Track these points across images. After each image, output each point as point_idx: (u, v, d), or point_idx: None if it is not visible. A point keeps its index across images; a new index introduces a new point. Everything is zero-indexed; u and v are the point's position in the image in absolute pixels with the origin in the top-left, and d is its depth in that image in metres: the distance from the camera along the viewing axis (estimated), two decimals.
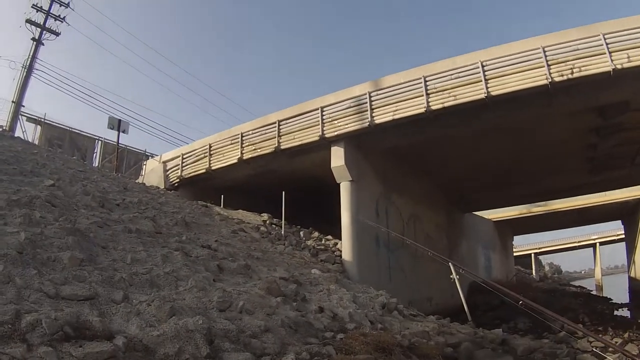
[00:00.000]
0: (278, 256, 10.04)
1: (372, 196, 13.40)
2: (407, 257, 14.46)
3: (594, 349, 7.74)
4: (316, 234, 13.77)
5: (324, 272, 9.51)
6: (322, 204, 13.33)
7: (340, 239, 12.42)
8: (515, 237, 43.57)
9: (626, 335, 11.60)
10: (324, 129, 12.85)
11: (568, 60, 10.42)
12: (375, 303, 8.06)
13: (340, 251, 12.15)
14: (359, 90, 12.89)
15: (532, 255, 58.67)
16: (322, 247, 12.58)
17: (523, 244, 59.13)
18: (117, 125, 21.94)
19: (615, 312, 22.50)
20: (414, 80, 11.96)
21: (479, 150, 15.23)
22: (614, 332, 12.28)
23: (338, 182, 12.60)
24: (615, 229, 50.71)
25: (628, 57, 9.97)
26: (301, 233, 13.34)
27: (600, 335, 11.33)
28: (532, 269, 56.39)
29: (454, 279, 10.20)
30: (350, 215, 12.14)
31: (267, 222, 13.71)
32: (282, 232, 12.69)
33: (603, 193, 27.98)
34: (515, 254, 46.57)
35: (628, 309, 25.73)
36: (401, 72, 12.64)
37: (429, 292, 15.13)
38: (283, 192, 12.84)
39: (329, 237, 13.54)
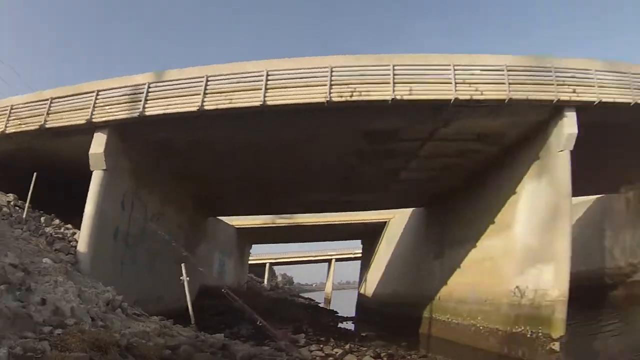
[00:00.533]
0: (13, 241, 9.53)
1: (122, 189, 13.13)
2: (143, 255, 14.38)
3: (315, 358, 8.37)
4: (57, 221, 12.98)
5: (56, 263, 9.17)
6: (78, 192, 12.62)
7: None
8: (253, 246, 44.65)
9: (347, 346, 12.75)
10: (94, 113, 12.33)
11: (352, 84, 11.15)
12: (100, 299, 7.99)
13: (77, 242, 11.63)
14: (142, 79, 12.63)
15: (267, 264, 60.89)
16: (60, 235, 11.96)
17: (260, 253, 62.46)
18: None
19: (340, 325, 24.68)
20: (196, 77, 12.02)
21: (242, 159, 15.29)
22: (335, 343, 13.35)
23: (92, 169, 12.08)
24: (352, 247, 55.74)
25: (410, 90, 10.91)
26: (42, 219, 12.53)
27: (321, 346, 12.45)
28: (264, 278, 58.92)
29: (184, 281, 10.41)
30: (94, 206, 11.72)
31: (12, 203, 12.61)
32: (24, 216, 11.75)
33: (349, 213, 29.48)
34: (250, 262, 47.77)
35: (353, 322, 28.48)
36: (186, 69, 12.67)
37: (161, 292, 15.00)
38: (35, 173, 11.94)
39: (69, 226, 12.87)
